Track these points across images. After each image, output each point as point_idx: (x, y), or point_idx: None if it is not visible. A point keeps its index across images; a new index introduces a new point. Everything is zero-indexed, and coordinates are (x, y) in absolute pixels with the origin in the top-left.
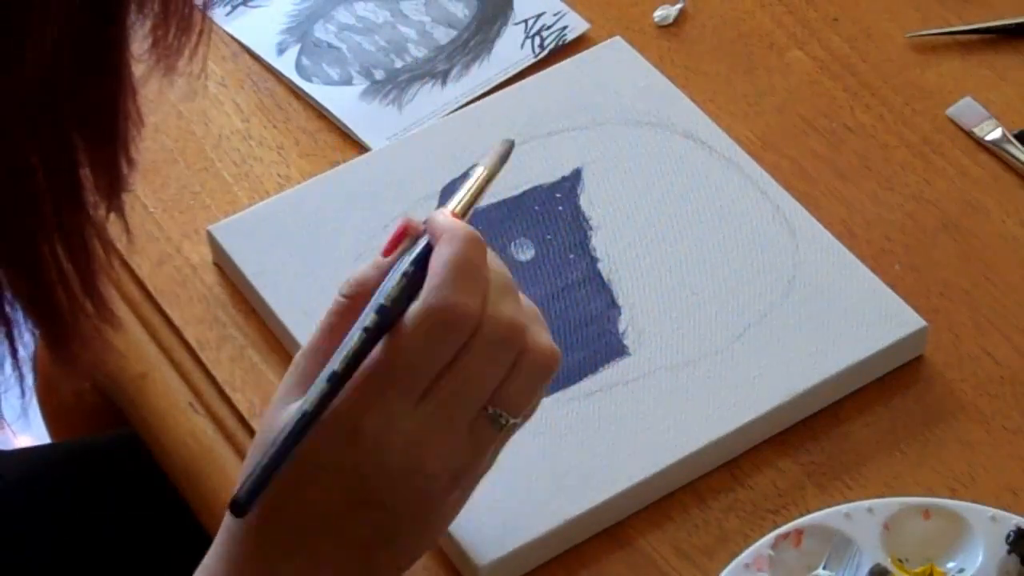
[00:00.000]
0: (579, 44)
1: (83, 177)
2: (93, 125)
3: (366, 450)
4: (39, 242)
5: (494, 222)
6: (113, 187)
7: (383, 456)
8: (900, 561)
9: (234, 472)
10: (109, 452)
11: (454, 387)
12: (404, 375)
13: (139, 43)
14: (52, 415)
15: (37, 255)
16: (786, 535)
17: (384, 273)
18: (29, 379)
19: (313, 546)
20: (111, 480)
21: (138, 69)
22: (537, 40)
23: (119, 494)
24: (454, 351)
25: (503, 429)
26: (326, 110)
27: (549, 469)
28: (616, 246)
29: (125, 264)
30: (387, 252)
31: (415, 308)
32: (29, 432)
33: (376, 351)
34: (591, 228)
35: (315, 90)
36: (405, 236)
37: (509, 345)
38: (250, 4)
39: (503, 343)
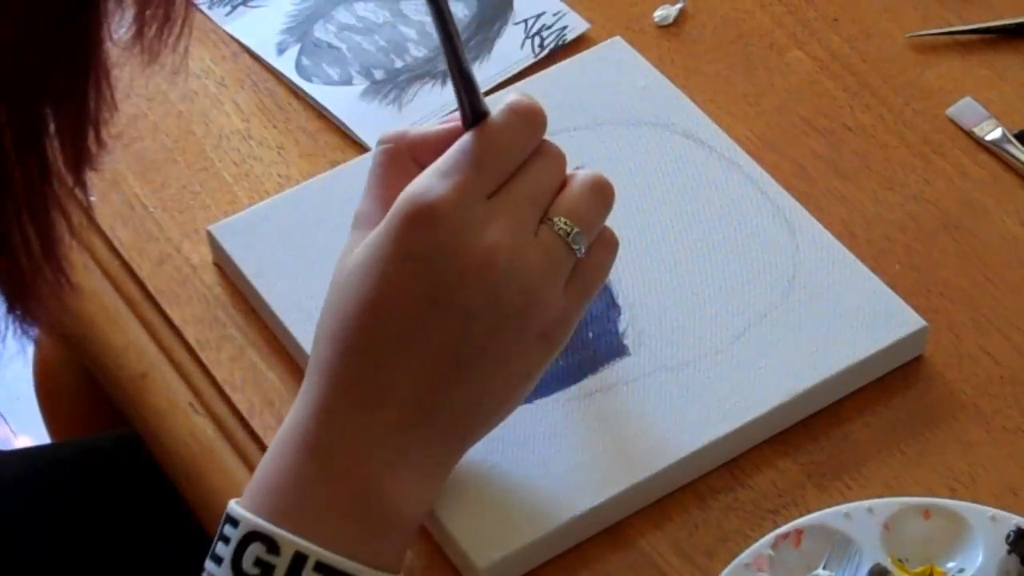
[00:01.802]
0: (579, 44)
1: (52, 152)
2: (64, 104)
3: (439, 235)
4: (6, 209)
5: None
6: (80, 164)
7: (457, 242)
8: (900, 561)
9: (234, 472)
10: (109, 452)
11: (524, 185)
12: (484, 162)
13: (120, 29)
14: (52, 415)
15: (2, 220)
16: (786, 535)
17: (438, 133)
18: None
19: (386, 362)
20: (111, 480)
21: (113, 52)
22: (537, 40)
23: (119, 494)
24: (530, 147)
25: (568, 238)
26: (326, 110)
27: (549, 469)
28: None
29: (125, 264)
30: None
31: (502, 106)
32: (29, 433)
33: (462, 139)
34: None
35: (315, 90)
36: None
37: (562, 163)
38: (250, 4)
39: (560, 159)
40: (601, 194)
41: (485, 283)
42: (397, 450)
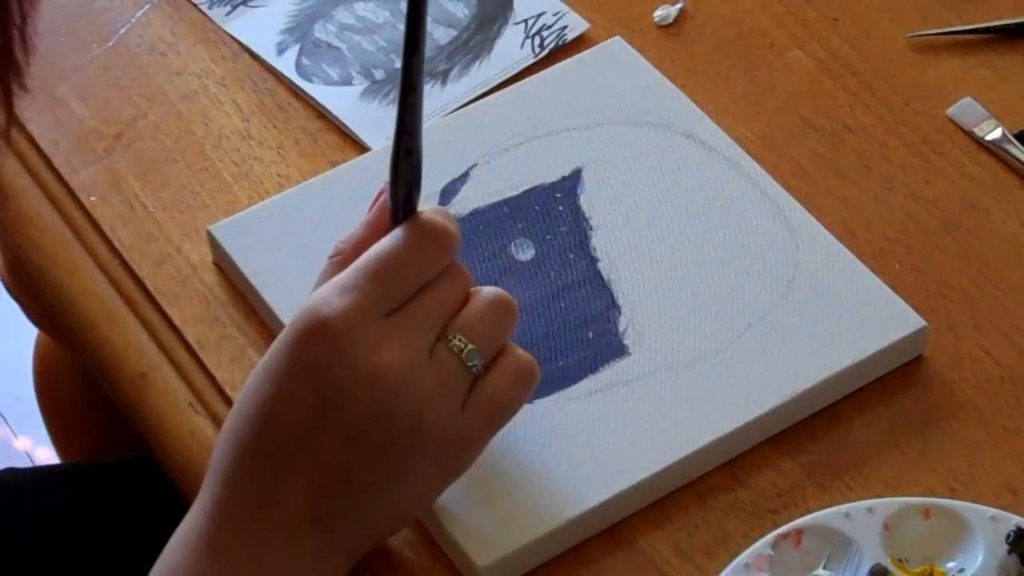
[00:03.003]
0: (579, 44)
1: None
2: None
3: (332, 351)
4: None
5: (494, 222)
6: (4, 70)
7: (348, 358)
8: (900, 561)
9: None
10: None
11: (424, 306)
12: (385, 280)
13: None
14: (52, 415)
15: None
16: (786, 535)
17: (374, 231)
18: None
19: (278, 468)
20: (115, 493)
21: None
22: (537, 40)
23: (122, 502)
24: (437, 269)
25: (462, 355)
26: (326, 110)
27: (549, 469)
28: (616, 246)
29: (125, 264)
30: (371, 208)
31: (410, 223)
32: (28, 433)
33: (369, 253)
34: (591, 228)
35: (315, 90)
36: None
37: (466, 283)
38: (250, 4)
39: (467, 278)
40: (503, 311)
41: (373, 400)
42: (289, 555)
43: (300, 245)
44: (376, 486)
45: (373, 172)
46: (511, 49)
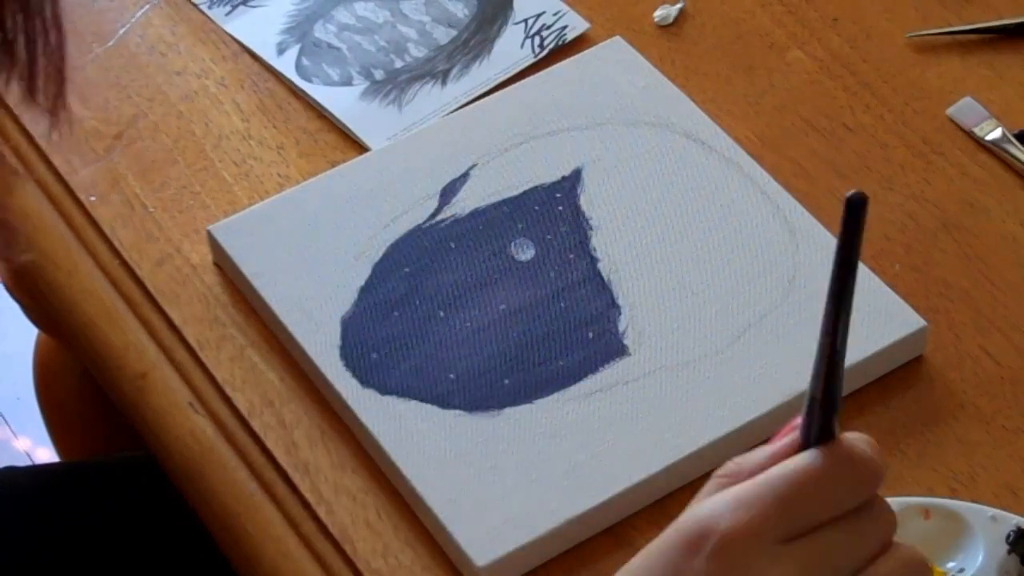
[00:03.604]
0: (579, 44)
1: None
2: None
3: (715, 566)
4: None
5: (494, 222)
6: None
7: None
8: None
9: (234, 472)
10: (118, 472)
11: (831, 542)
12: (792, 505)
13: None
14: (52, 415)
15: None
16: None
17: (770, 458)
18: None
19: None
20: (115, 493)
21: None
22: (537, 40)
23: (122, 502)
24: (854, 503)
25: None
26: (326, 110)
27: (549, 469)
28: (616, 246)
29: (125, 264)
30: (776, 437)
31: (830, 447)
32: (28, 433)
33: (778, 468)
34: (591, 228)
35: (315, 90)
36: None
37: (889, 529)
38: (250, 4)
39: (888, 524)
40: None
41: None
42: None
43: (300, 245)
44: None
45: (373, 172)
46: (511, 49)
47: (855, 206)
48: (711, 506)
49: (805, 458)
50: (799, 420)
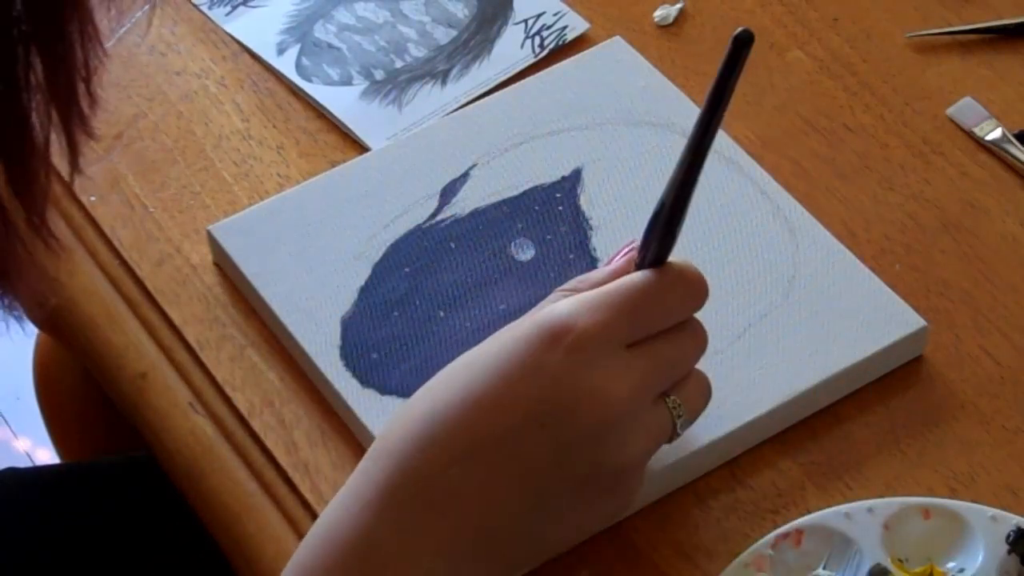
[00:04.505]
0: (579, 44)
1: (38, 105)
2: (49, 48)
3: (572, 361)
4: None
5: (494, 222)
6: (70, 119)
7: (585, 375)
8: (900, 561)
9: (234, 472)
10: (118, 472)
11: (663, 352)
12: (637, 313)
13: None
14: (52, 415)
15: None
16: (786, 535)
17: (609, 275)
18: None
19: (470, 464)
20: (115, 493)
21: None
22: (537, 40)
23: (122, 502)
24: (682, 317)
25: (677, 424)
26: (326, 110)
27: None
28: (616, 246)
29: (125, 264)
30: (615, 258)
31: (666, 266)
32: (29, 433)
33: (624, 280)
34: (591, 228)
35: (315, 90)
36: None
37: (703, 346)
38: (250, 4)
39: (702, 342)
40: (707, 396)
41: (594, 428)
42: (448, 562)
43: (300, 245)
44: (557, 508)
45: (373, 172)
46: (511, 49)
47: (741, 43)
48: (568, 306)
49: (647, 274)
50: (635, 243)
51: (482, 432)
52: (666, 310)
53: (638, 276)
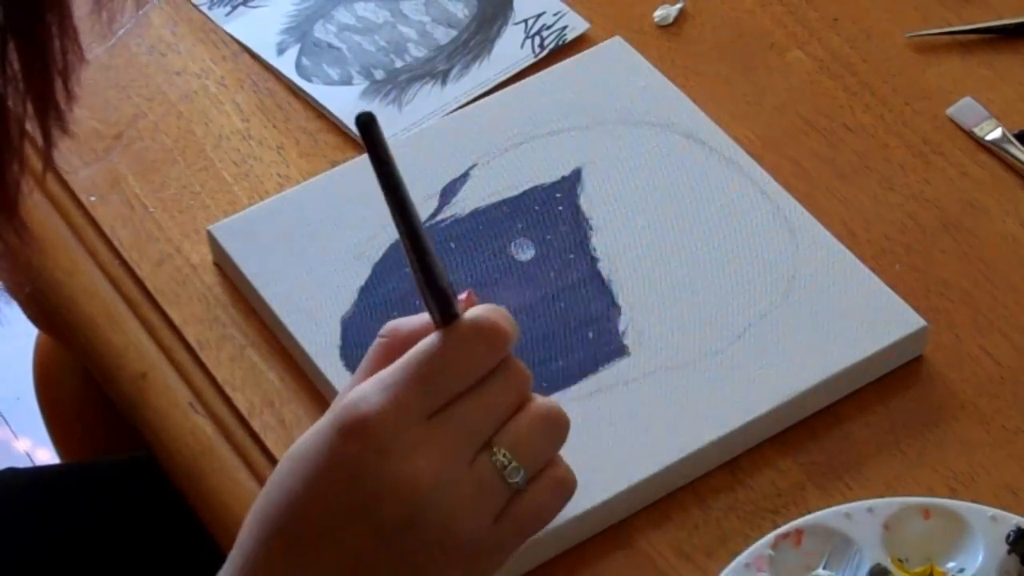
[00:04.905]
0: (579, 44)
1: (14, 97)
2: (27, 43)
3: (366, 451)
4: None
5: (494, 222)
6: (46, 114)
7: (382, 462)
8: (900, 561)
9: (234, 472)
10: (118, 472)
11: (468, 408)
12: (429, 380)
13: None
14: (52, 415)
15: None
16: (786, 535)
17: (426, 325)
18: None
19: (305, 559)
20: (115, 493)
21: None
22: (537, 40)
23: (122, 502)
24: (486, 368)
25: (505, 471)
26: (326, 110)
27: None
28: (616, 246)
29: (125, 264)
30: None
31: (456, 324)
32: (29, 433)
33: (414, 350)
34: (591, 228)
35: (315, 90)
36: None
37: (522, 385)
38: (250, 4)
39: (520, 380)
40: (554, 428)
41: (403, 508)
42: None
43: (300, 245)
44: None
45: (373, 172)
46: (511, 49)
47: (365, 125)
48: (359, 394)
49: (434, 338)
50: (468, 291)
51: (305, 527)
52: (461, 369)
53: (426, 342)
